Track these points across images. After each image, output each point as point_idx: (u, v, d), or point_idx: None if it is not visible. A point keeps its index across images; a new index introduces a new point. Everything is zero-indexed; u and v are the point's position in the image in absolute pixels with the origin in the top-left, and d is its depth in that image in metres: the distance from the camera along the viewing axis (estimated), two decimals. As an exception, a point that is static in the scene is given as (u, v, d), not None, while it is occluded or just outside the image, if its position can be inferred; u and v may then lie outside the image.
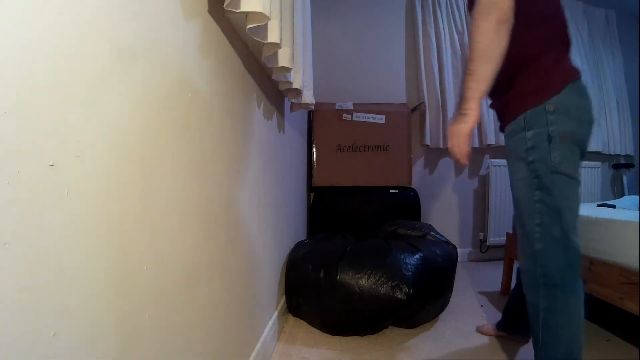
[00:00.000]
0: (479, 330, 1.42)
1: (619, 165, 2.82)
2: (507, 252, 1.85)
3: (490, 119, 2.52)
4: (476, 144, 2.52)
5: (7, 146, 0.31)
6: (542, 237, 0.89)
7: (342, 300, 1.32)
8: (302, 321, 1.48)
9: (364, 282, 1.32)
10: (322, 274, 1.37)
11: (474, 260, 2.59)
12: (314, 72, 1.55)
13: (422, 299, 1.38)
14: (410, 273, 1.35)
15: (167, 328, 0.57)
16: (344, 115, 2.20)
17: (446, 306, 1.52)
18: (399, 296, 1.30)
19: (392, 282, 1.31)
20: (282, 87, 1.25)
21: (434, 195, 1.86)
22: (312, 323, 1.44)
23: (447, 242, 1.64)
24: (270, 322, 1.24)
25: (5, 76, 0.31)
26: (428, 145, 2.52)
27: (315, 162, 2.20)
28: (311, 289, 1.39)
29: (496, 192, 2.50)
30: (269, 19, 0.75)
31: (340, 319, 1.33)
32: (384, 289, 1.30)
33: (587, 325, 1.47)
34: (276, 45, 0.88)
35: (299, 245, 1.60)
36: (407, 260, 1.41)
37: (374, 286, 1.31)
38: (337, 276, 1.34)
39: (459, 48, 2.55)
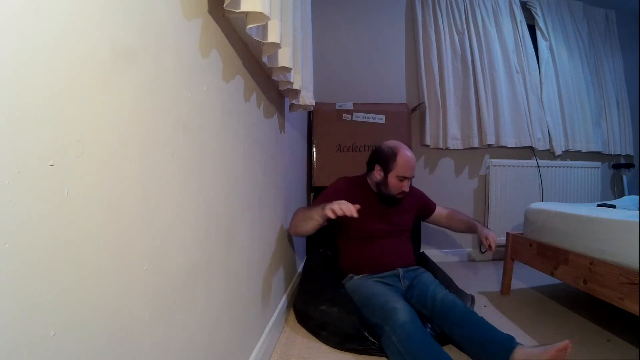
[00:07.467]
0: None
1: (619, 165, 2.82)
2: (507, 252, 1.85)
3: (491, 118, 2.52)
4: (476, 144, 2.52)
5: (7, 146, 0.31)
6: None
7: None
8: (302, 322, 1.48)
9: None
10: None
11: (474, 260, 2.59)
12: (314, 72, 1.55)
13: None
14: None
15: (166, 328, 0.57)
16: (344, 115, 2.20)
17: None
18: None
19: None
20: (282, 87, 1.25)
21: (434, 195, 1.87)
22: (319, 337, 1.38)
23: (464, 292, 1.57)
24: (270, 323, 1.24)
25: (5, 76, 0.31)
26: (428, 145, 2.52)
27: (315, 162, 2.20)
28: (326, 303, 1.37)
29: (496, 192, 2.50)
30: (269, 19, 0.75)
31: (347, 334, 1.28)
32: None
33: (587, 325, 1.47)
34: (276, 45, 0.88)
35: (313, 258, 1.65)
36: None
37: None
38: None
39: (459, 48, 2.55)
